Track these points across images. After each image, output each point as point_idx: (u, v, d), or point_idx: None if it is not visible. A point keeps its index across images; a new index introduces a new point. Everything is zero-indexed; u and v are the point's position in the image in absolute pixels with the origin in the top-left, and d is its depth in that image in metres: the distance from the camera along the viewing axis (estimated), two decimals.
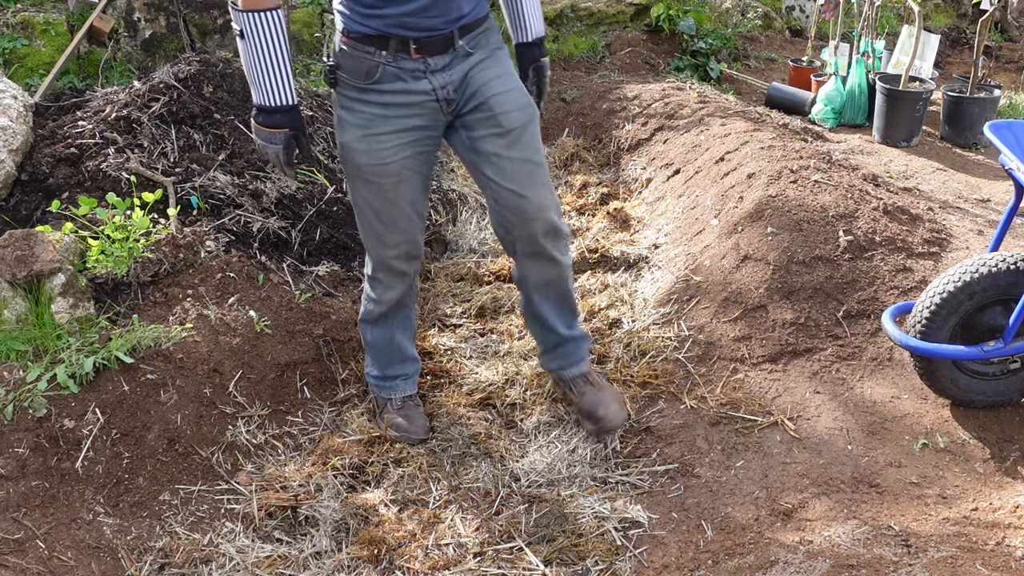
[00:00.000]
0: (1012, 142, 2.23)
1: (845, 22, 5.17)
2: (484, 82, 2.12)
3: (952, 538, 1.91)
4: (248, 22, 1.92)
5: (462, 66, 2.10)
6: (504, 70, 2.16)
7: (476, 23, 2.09)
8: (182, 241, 2.69)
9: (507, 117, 2.13)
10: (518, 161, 2.15)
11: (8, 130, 3.06)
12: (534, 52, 2.31)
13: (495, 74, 2.14)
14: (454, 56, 2.07)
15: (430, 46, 2.03)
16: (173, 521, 2.16)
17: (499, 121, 2.12)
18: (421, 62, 2.05)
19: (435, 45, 2.04)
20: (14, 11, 4.78)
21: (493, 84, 2.12)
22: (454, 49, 2.06)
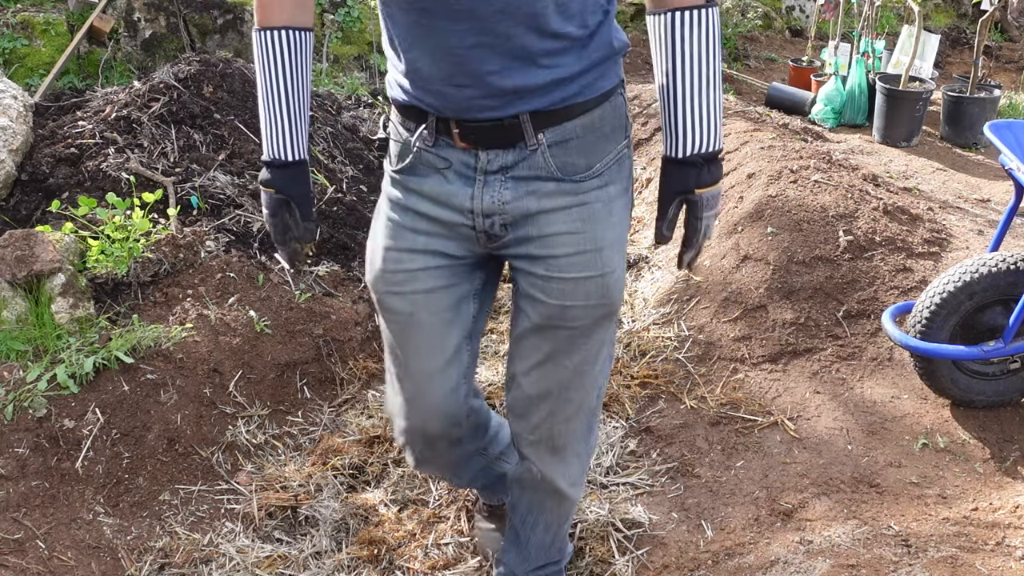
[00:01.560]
0: (1012, 142, 2.23)
1: (845, 22, 5.17)
2: (552, 246, 1.39)
3: (952, 538, 1.91)
4: (256, 41, 1.41)
5: (532, 190, 1.36)
6: (603, 230, 1.39)
7: (568, 111, 1.31)
8: (182, 241, 2.69)
9: (562, 311, 1.42)
10: (545, 386, 1.50)
11: (8, 130, 3.06)
12: (685, 176, 1.37)
13: (581, 238, 1.39)
14: (524, 156, 1.34)
15: (479, 133, 1.33)
16: (173, 521, 2.16)
17: (546, 309, 1.43)
18: (471, 154, 1.35)
19: (488, 134, 1.33)
20: (14, 11, 4.78)
21: (564, 256, 1.39)
22: (524, 144, 1.33)
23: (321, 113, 3.74)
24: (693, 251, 1.44)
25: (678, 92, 1.33)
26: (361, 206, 3.31)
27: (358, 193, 3.38)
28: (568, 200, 1.37)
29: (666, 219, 1.40)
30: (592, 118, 1.35)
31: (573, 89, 1.31)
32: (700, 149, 1.35)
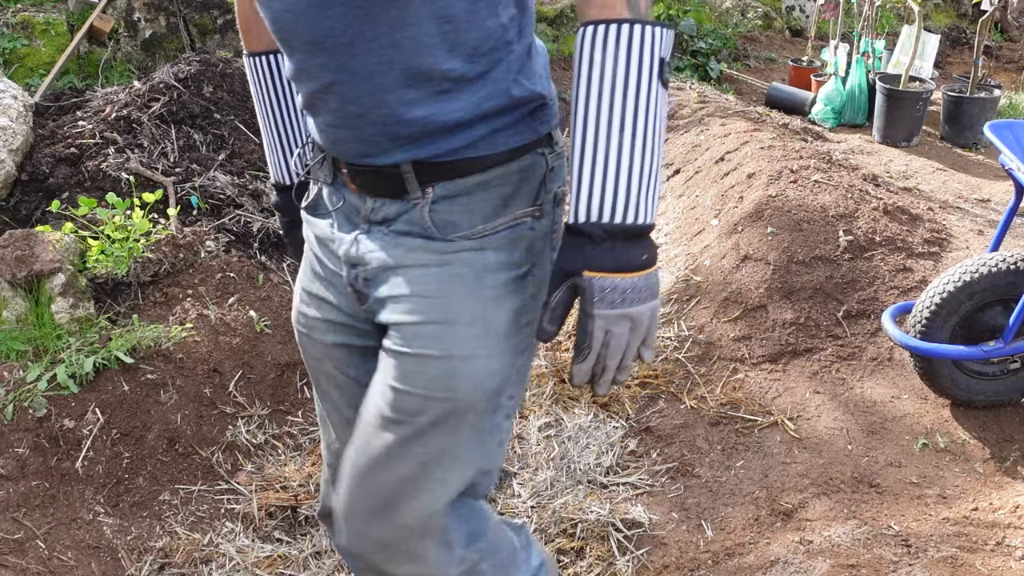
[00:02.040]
0: (1012, 142, 2.23)
1: (845, 22, 5.17)
2: (400, 311, 1.12)
3: (952, 538, 1.91)
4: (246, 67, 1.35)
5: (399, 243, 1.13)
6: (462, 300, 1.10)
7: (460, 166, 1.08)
8: (182, 241, 2.69)
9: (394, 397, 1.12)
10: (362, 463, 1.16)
11: (8, 130, 3.06)
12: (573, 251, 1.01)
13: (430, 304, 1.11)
14: (407, 209, 1.12)
15: (363, 177, 1.13)
16: (173, 521, 2.16)
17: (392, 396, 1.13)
18: (361, 198, 1.15)
19: (371, 180, 1.13)
20: (14, 11, 4.78)
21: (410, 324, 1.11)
22: (408, 196, 1.10)
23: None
24: (587, 364, 1.03)
25: (578, 133, 1.00)
26: None
27: None
28: (429, 257, 1.10)
29: (548, 306, 1.03)
30: (488, 177, 1.09)
31: (461, 141, 1.07)
32: (600, 217, 0.99)
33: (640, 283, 1.02)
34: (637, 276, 1.01)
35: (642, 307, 1.02)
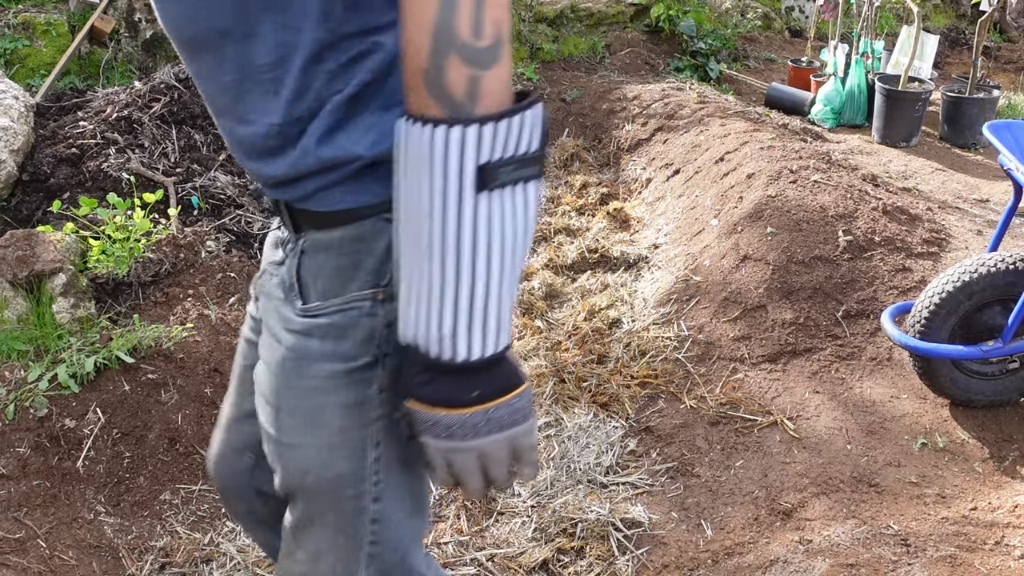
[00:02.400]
0: (1011, 142, 2.23)
1: (844, 22, 5.18)
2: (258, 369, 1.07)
3: (951, 537, 1.91)
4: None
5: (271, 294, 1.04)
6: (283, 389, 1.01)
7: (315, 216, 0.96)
8: (183, 241, 2.69)
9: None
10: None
11: (9, 130, 3.06)
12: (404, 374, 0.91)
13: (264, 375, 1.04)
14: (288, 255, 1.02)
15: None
16: (174, 520, 2.17)
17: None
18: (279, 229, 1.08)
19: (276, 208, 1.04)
20: (15, 12, 4.78)
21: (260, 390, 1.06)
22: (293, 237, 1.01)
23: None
24: (438, 482, 0.95)
25: (397, 253, 0.88)
26: None
27: None
28: (274, 325, 1.01)
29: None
30: (332, 239, 0.96)
31: (299, 191, 0.95)
32: (418, 348, 0.87)
33: (474, 419, 0.87)
34: (468, 412, 0.87)
35: (487, 440, 0.88)
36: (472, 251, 0.82)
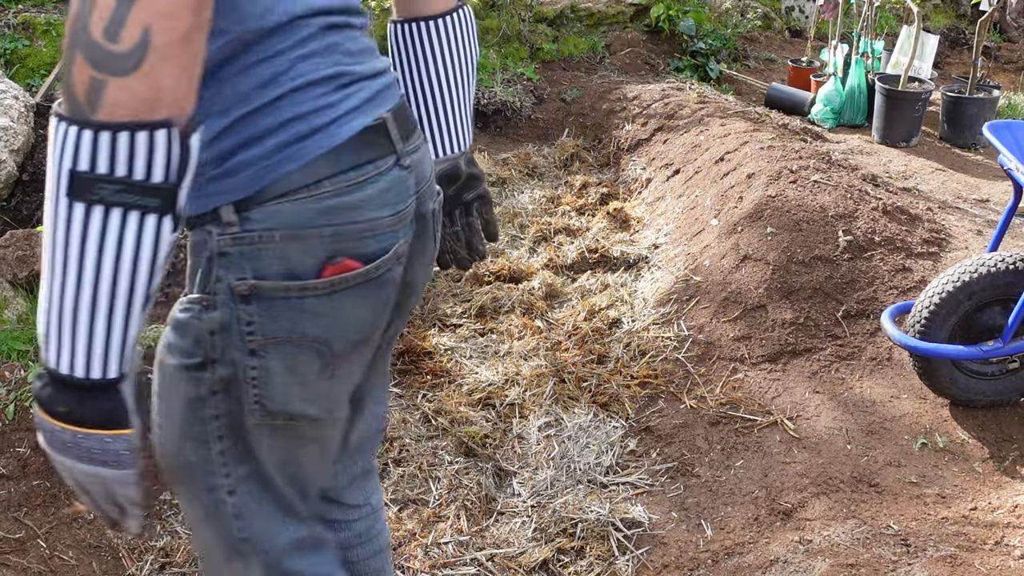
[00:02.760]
0: (1011, 142, 2.23)
1: (844, 22, 5.18)
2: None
3: (951, 537, 1.91)
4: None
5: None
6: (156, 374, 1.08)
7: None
8: (183, 241, 2.70)
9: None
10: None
11: (9, 130, 3.06)
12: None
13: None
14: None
15: None
16: (174, 520, 2.17)
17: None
18: None
19: None
20: (15, 12, 4.78)
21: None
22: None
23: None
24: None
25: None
26: None
27: None
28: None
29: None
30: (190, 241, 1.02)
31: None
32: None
33: (63, 435, 0.88)
34: (59, 425, 0.87)
35: (75, 465, 0.89)
36: (62, 259, 0.81)
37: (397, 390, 2.70)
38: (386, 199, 1.02)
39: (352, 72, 1.01)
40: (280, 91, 0.95)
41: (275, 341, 1.00)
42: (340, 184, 0.97)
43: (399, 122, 1.06)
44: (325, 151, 0.96)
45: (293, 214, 0.96)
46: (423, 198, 1.11)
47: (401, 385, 2.72)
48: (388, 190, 1.03)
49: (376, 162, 1.01)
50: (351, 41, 1.03)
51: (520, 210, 3.83)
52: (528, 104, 4.89)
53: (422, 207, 1.11)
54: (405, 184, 1.05)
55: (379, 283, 1.04)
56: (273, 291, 0.97)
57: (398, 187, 1.04)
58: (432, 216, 1.15)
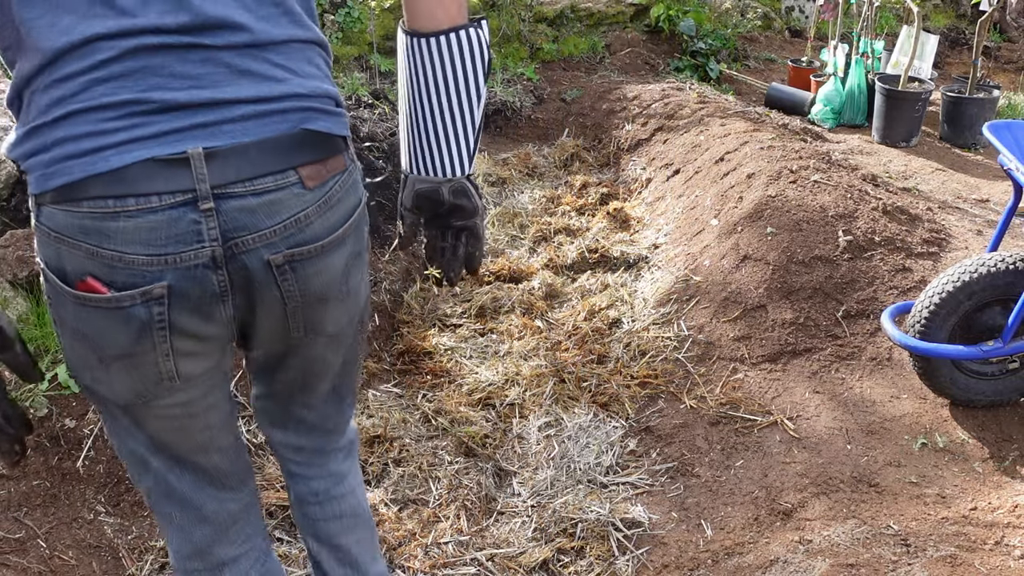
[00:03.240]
0: (1011, 142, 2.23)
1: (844, 23, 5.18)
2: None
3: (951, 537, 1.91)
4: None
5: None
6: None
7: None
8: None
9: None
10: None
11: (10, 130, 3.06)
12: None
13: None
14: None
15: None
16: None
17: None
18: None
19: None
20: None
21: None
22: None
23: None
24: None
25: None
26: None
27: None
28: None
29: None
30: None
31: None
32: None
33: None
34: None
35: None
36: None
37: (397, 390, 2.70)
38: (146, 237, 1.01)
39: (160, 100, 0.99)
40: (64, 111, 0.98)
41: (60, 323, 1.11)
42: (97, 208, 0.99)
43: (223, 163, 1.02)
44: (91, 174, 0.98)
45: (62, 222, 1.02)
46: (245, 248, 1.06)
47: (401, 385, 2.72)
48: (153, 229, 1.01)
49: (147, 197, 1.00)
50: (189, 64, 1.00)
51: (520, 210, 3.83)
52: (528, 104, 4.89)
53: (243, 257, 1.07)
54: (186, 228, 1.02)
55: (126, 315, 1.05)
56: (52, 283, 1.07)
57: (170, 228, 1.01)
58: (266, 268, 1.09)
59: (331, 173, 1.12)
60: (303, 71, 1.10)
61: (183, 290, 1.06)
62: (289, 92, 1.07)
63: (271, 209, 1.07)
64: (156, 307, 1.06)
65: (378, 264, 3.15)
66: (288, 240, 1.09)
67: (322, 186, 1.11)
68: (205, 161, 1.01)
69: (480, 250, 1.34)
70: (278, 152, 1.06)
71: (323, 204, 1.12)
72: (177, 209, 1.01)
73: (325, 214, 1.13)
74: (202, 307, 1.09)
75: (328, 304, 1.20)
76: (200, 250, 1.04)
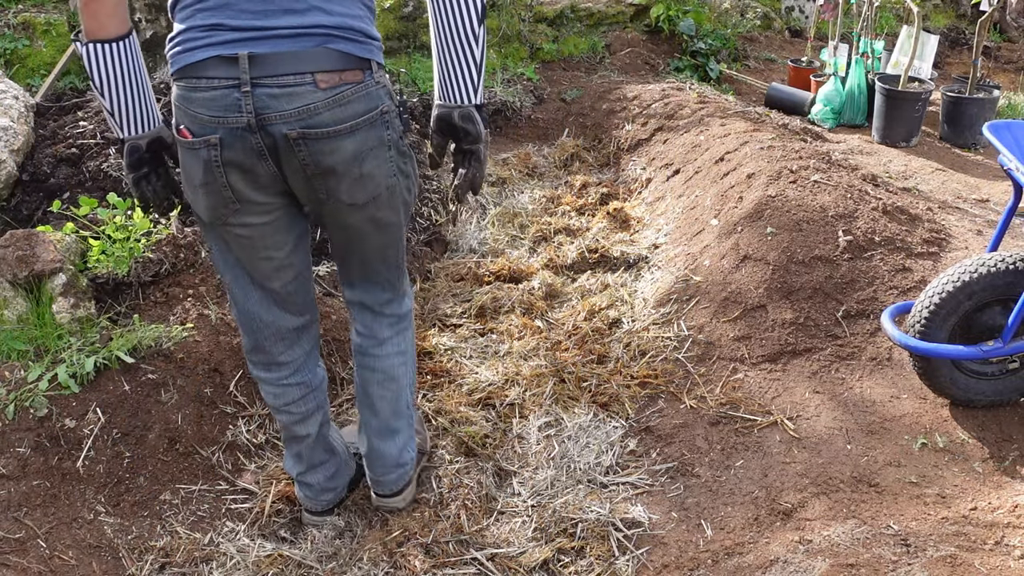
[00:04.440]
0: (1011, 142, 2.23)
1: (844, 23, 5.18)
2: None
3: (951, 537, 1.91)
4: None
5: None
6: None
7: None
8: (183, 241, 2.69)
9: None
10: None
11: (9, 130, 3.06)
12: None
13: None
14: None
15: None
16: (174, 520, 2.17)
17: None
18: None
19: None
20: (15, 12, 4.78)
21: None
22: None
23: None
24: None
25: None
26: None
27: None
28: None
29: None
30: None
31: None
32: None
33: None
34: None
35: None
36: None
37: None
38: (209, 104, 1.59)
39: (230, 24, 1.56)
40: (182, 27, 1.61)
41: (180, 163, 1.72)
42: (186, 84, 1.61)
43: (261, 64, 1.55)
44: (186, 63, 1.59)
45: (175, 92, 1.66)
46: (271, 121, 1.57)
47: None
48: (213, 100, 1.58)
49: (211, 79, 1.57)
50: (256, 2, 1.56)
51: (520, 210, 3.83)
52: (528, 104, 4.89)
53: (269, 128, 1.58)
54: (232, 101, 1.57)
55: (196, 154, 1.64)
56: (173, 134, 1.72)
57: (224, 100, 1.57)
58: (286, 140, 1.59)
59: (344, 81, 1.60)
60: (335, 11, 1.58)
61: (229, 142, 1.60)
62: (319, 23, 1.56)
63: (289, 98, 1.56)
64: (213, 151, 1.61)
65: None
66: (301, 122, 1.58)
67: (333, 88, 1.58)
68: (249, 61, 1.54)
69: (481, 173, 1.75)
70: (299, 61, 1.55)
71: (332, 101, 1.59)
72: (228, 89, 1.57)
73: (334, 109, 1.59)
74: (246, 158, 1.62)
75: (341, 178, 1.66)
76: (240, 117, 1.58)
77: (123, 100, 1.77)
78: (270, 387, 1.98)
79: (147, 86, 1.82)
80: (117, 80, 1.74)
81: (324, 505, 2.16)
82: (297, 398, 1.99)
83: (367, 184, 1.69)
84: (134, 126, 1.81)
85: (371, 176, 1.69)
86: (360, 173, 1.67)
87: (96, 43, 1.70)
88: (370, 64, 1.63)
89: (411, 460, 2.15)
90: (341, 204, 1.70)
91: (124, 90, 1.76)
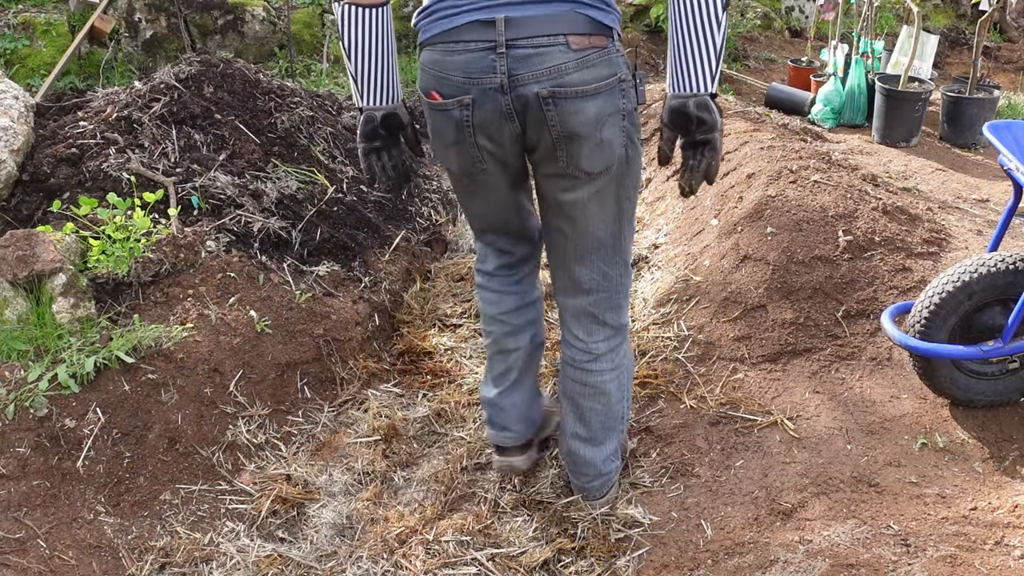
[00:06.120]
0: (1011, 142, 2.23)
1: (844, 23, 5.18)
2: None
3: (951, 537, 1.91)
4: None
5: None
6: None
7: None
8: (183, 241, 2.69)
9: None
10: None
11: (9, 130, 3.06)
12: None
13: None
14: None
15: None
16: (174, 520, 2.17)
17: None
18: None
19: None
20: (15, 12, 4.79)
21: None
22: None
23: (321, 113, 3.74)
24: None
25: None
26: (361, 206, 3.31)
27: (358, 193, 3.38)
28: None
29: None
30: None
31: None
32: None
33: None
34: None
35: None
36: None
37: (397, 390, 2.70)
38: (463, 67, 1.65)
39: None
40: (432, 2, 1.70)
41: (429, 125, 1.80)
42: (442, 48, 1.67)
43: (516, 26, 1.61)
44: (443, 29, 1.66)
45: (426, 58, 1.72)
46: (523, 82, 1.63)
47: (401, 385, 2.73)
48: (469, 62, 1.64)
49: (467, 43, 1.64)
50: None
51: None
52: None
53: (520, 88, 1.64)
54: (488, 64, 1.63)
55: (447, 115, 1.71)
56: (422, 99, 1.78)
57: (479, 63, 1.63)
58: (536, 99, 1.64)
59: (592, 45, 1.64)
60: None
61: (481, 103, 1.67)
62: None
63: (542, 58, 1.61)
64: (465, 111, 1.69)
65: (378, 264, 3.15)
66: (552, 80, 1.63)
67: (582, 51, 1.63)
68: (505, 24, 1.61)
69: (716, 163, 1.69)
70: (553, 23, 1.61)
71: (580, 62, 1.63)
72: (483, 51, 1.63)
73: (581, 70, 1.63)
74: (495, 119, 1.69)
75: (583, 142, 1.69)
76: (493, 77, 1.64)
77: (368, 68, 1.80)
78: (489, 293, 2.11)
79: (393, 59, 1.83)
80: (366, 46, 1.77)
81: (514, 439, 2.17)
82: (512, 308, 2.10)
83: (605, 151, 1.71)
84: (374, 96, 1.83)
85: (609, 144, 1.71)
86: (600, 139, 1.69)
87: (354, 5, 1.73)
88: (612, 32, 1.67)
89: (615, 469, 2.15)
90: (580, 173, 1.73)
91: (370, 58, 1.78)
